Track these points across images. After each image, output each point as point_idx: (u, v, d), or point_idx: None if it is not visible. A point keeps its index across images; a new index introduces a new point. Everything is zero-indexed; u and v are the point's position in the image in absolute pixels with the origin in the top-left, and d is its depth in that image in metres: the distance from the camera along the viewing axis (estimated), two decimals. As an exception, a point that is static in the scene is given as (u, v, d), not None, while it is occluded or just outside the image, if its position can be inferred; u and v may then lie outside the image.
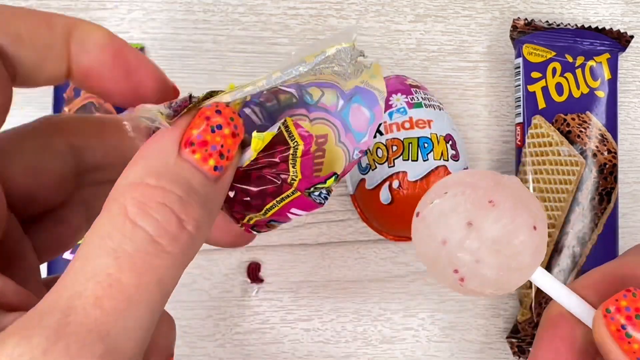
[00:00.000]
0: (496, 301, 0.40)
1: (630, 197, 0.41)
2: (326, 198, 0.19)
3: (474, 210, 0.19)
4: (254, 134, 0.17)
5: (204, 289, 0.39)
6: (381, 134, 0.34)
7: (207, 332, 0.38)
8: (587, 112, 0.38)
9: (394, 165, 0.34)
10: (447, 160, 0.34)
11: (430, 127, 0.34)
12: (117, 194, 0.15)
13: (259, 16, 0.41)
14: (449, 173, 0.34)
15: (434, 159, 0.34)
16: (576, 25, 0.40)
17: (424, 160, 0.34)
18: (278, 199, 0.18)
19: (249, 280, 0.39)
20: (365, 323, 0.39)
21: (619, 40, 0.39)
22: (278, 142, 0.17)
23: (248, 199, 0.18)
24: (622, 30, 0.40)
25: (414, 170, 0.33)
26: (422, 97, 0.35)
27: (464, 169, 0.35)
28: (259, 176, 0.18)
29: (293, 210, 0.18)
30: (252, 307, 0.39)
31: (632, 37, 0.39)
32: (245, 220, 0.19)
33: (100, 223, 0.15)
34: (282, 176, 0.18)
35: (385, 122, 0.35)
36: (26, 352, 0.12)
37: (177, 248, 0.15)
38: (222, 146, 0.16)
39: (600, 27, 0.39)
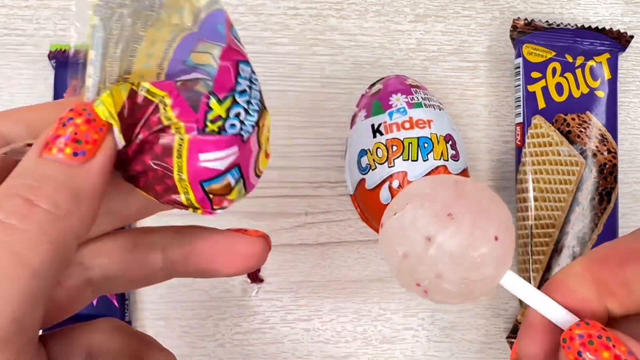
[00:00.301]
0: (496, 301, 0.40)
1: (630, 197, 0.41)
2: (248, 127, 0.18)
3: (432, 224, 0.19)
4: (94, 105, 0.17)
5: (204, 289, 0.39)
6: (381, 134, 0.34)
7: (207, 332, 0.39)
8: (587, 112, 0.38)
9: (394, 165, 0.34)
10: (447, 160, 0.34)
11: (430, 127, 0.34)
12: None
13: (259, 16, 0.41)
14: (449, 173, 0.34)
15: (434, 159, 0.34)
16: (576, 25, 0.40)
17: (424, 160, 0.34)
18: (175, 153, 0.17)
19: (249, 281, 0.39)
20: (365, 323, 0.39)
21: (619, 40, 0.39)
22: (145, 108, 0.17)
23: (153, 172, 0.18)
24: (622, 30, 0.40)
25: (414, 170, 0.33)
26: (422, 97, 0.35)
27: (464, 169, 0.35)
28: (146, 145, 0.18)
29: (204, 156, 0.18)
30: (252, 307, 0.39)
31: (632, 37, 0.39)
32: (185, 202, 0.18)
33: None
34: (161, 131, 0.17)
35: (385, 122, 0.35)
36: None
37: (30, 224, 0.15)
38: (75, 134, 0.17)
39: (600, 27, 0.40)
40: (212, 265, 0.22)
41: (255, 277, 0.39)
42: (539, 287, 0.38)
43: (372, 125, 0.35)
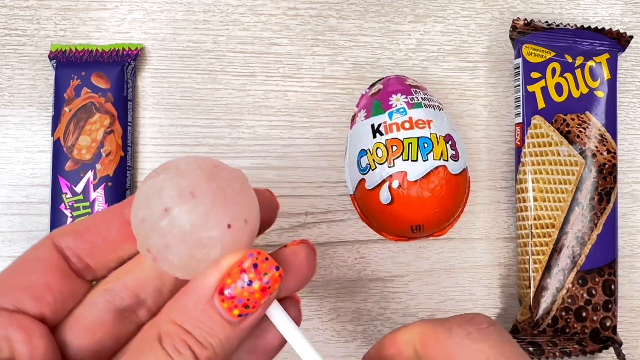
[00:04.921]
0: (496, 301, 0.40)
1: (630, 197, 0.41)
2: None
3: (173, 197, 0.20)
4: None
5: (204, 289, 0.39)
6: (381, 134, 0.34)
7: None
8: (587, 112, 0.39)
9: (393, 165, 0.34)
10: (447, 160, 0.34)
11: (429, 127, 0.34)
12: (158, 318, 0.20)
13: (259, 16, 0.41)
14: (448, 173, 0.34)
15: (434, 159, 0.34)
16: (575, 25, 0.40)
17: (424, 160, 0.34)
18: None
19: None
20: (365, 322, 0.39)
21: (618, 41, 0.39)
22: None
23: None
24: (621, 31, 0.40)
25: (414, 170, 0.34)
26: (421, 97, 0.36)
27: (463, 169, 0.35)
28: None
29: None
30: (252, 307, 0.39)
31: (631, 37, 0.39)
32: None
33: (139, 340, 0.21)
34: None
35: (385, 122, 0.35)
36: None
37: None
38: (248, 299, 0.20)
39: (599, 28, 0.40)
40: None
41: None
42: (536, 291, 0.38)
43: (372, 126, 0.35)
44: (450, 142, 0.35)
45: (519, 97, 0.39)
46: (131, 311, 0.23)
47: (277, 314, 0.22)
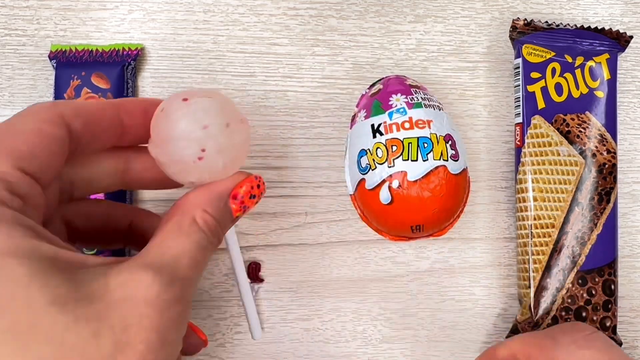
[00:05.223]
0: (496, 301, 0.40)
1: (630, 197, 0.41)
2: None
3: (233, 118, 0.27)
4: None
5: (204, 289, 0.39)
6: (381, 134, 0.34)
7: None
8: (587, 112, 0.39)
9: (393, 165, 0.34)
10: (447, 160, 0.34)
11: (429, 127, 0.34)
12: (189, 206, 0.26)
13: (259, 16, 0.41)
14: (448, 173, 0.34)
15: (434, 159, 0.34)
16: (575, 25, 0.40)
17: (424, 160, 0.34)
18: None
19: (249, 280, 0.39)
20: (365, 322, 0.39)
21: (618, 41, 0.39)
22: None
23: None
24: (621, 31, 0.40)
25: (414, 170, 0.34)
26: (421, 97, 0.36)
27: (463, 169, 0.35)
28: None
29: None
30: (252, 307, 0.39)
31: (631, 37, 0.39)
32: None
33: (179, 220, 0.25)
34: None
35: (385, 122, 0.35)
36: (158, 284, 0.22)
37: (215, 246, 0.26)
38: (247, 206, 0.28)
39: (599, 28, 0.40)
40: None
41: (255, 276, 0.39)
42: (536, 291, 0.38)
43: (372, 126, 0.35)
44: (450, 142, 0.35)
45: (519, 97, 0.39)
46: (64, 193, 0.27)
47: (230, 230, 0.31)
